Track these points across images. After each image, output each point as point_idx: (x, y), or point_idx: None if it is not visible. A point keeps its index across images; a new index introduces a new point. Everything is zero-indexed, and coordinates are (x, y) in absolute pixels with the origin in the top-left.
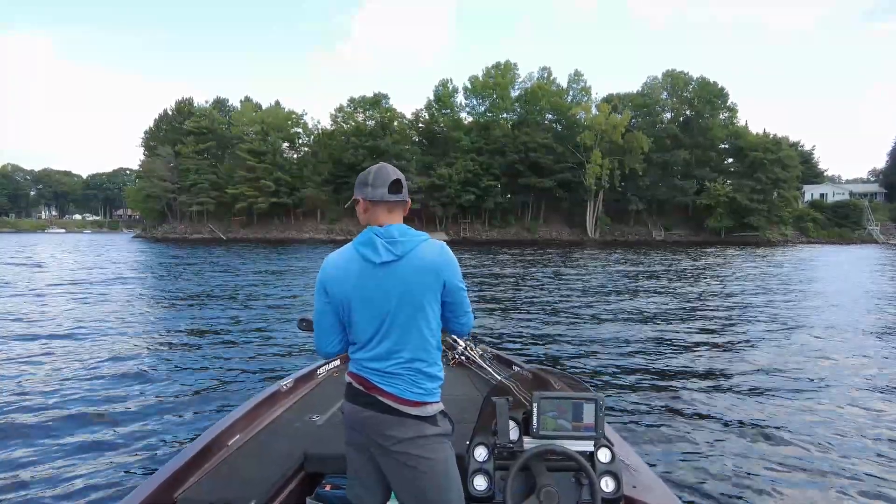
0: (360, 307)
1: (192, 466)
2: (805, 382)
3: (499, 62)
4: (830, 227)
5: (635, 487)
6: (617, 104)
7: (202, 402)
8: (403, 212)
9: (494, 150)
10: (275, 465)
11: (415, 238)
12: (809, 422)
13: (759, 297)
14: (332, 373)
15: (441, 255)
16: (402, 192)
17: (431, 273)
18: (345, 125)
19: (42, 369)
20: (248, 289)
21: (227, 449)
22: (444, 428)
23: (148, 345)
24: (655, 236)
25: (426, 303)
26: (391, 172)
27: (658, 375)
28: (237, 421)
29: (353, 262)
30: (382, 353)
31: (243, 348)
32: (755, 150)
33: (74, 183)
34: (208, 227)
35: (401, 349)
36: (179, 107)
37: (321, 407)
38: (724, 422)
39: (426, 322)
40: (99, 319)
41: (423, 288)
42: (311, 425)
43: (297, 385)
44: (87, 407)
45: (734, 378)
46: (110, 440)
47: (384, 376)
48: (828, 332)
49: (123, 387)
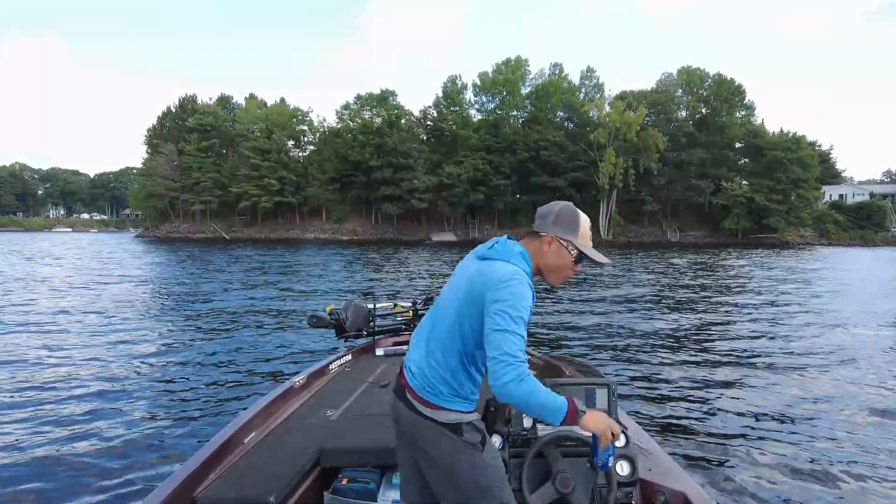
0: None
1: (209, 465)
2: (835, 381)
3: (509, 58)
4: (852, 229)
5: (651, 471)
6: (631, 101)
7: (216, 401)
8: (539, 241)
9: (504, 149)
10: (291, 461)
11: (503, 253)
12: (829, 414)
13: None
14: (344, 367)
15: (501, 272)
16: (537, 223)
17: (479, 284)
18: (351, 123)
19: (52, 367)
20: (256, 288)
21: (244, 447)
22: (468, 438)
23: (157, 346)
24: (670, 237)
25: (464, 313)
26: (546, 208)
27: (679, 366)
28: (252, 418)
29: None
30: (423, 341)
31: (254, 346)
32: (774, 148)
33: (82, 182)
34: (211, 227)
35: (436, 347)
36: (183, 104)
37: (334, 402)
38: (746, 411)
39: (461, 332)
40: (105, 316)
41: (468, 296)
42: (326, 420)
43: (310, 381)
44: (103, 405)
45: (758, 371)
46: (126, 440)
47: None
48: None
49: (137, 387)
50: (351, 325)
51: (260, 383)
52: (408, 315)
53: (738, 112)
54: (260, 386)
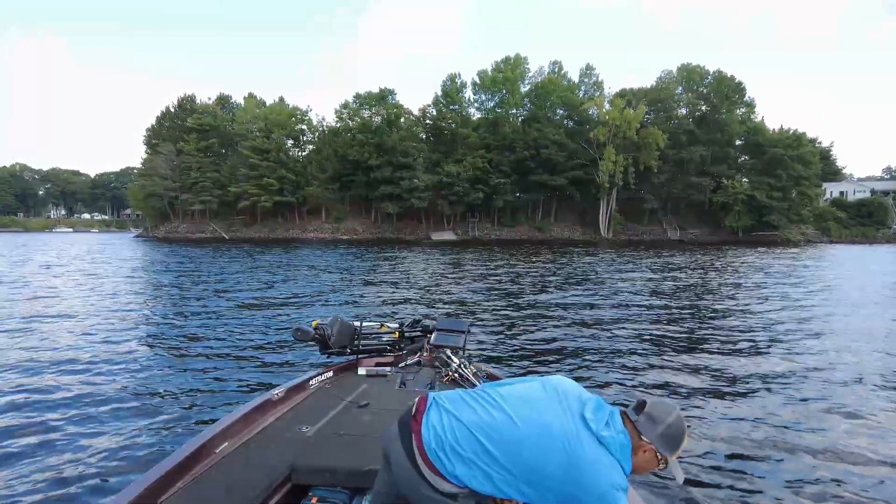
0: (525, 391)
1: (177, 472)
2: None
3: (508, 56)
4: (853, 227)
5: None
6: (631, 99)
7: (190, 409)
8: (639, 444)
9: (504, 147)
10: (262, 474)
11: (615, 446)
12: (832, 415)
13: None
14: (325, 384)
15: (603, 486)
16: (643, 424)
17: (574, 471)
18: (350, 122)
19: (26, 368)
20: (245, 293)
21: (215, 456)
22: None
23: (134, 349)
24: (670, 235)
25: (539, 477)
26: (662, 413)
27: (678, 365)
28: (226, 428)
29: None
30: (472, 425)
31: (235, 355)
32: (774, 145)
33: (82, 182)
34: (210, 227)
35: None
36: (182, 104)
37: (311, 418)
38: (745, 412)
39: (516, 481)
40: (87, 321)
41: (551, 466)
42: (301, 436)
43: (289, 395)
44: (75, 409)
45: (760, 371)
46: (94, 444)
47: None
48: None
49: (112, 390)
50: (335, 341)
51: (238, 392)
52: (393, 336)
53: (739, 109)
54: (238, 395)
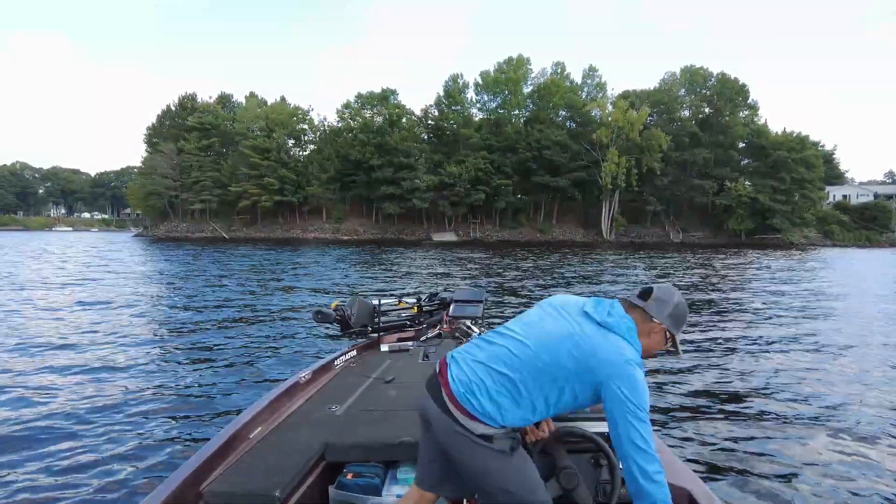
0: (537, 312)
1: (215, 459)
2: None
3: (511, 57)
4: (856, 230)
5: None
6: (634, 101)
7: (221, 397)
8: (650, 325)
9: (506, 148)
10: (296, 455)
11: (621, 328)
12: (835, 415)
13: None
14: (349, 363)
15: (622, 354)
16: (653, 306)
17: (589, 352)
18: (352, 122)
19: (58, 366)
20: (258, 286)
21: (249, 441)
22: (499, 445)
23: (162, 343)
24: (673, 238)
25: (558, 374)
26: (666, 295)
27: (683, 364)
28: (258, 413)
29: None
30: (491, 359)
31: (258, 342)
32: (778, 148)
33: (82, 181)
34: (211, 226)
35: (504, 372)
36: (182, 102)
37: (339, 397)
38: (751, 411)
39: (541, 392)
40: (105, 321)
41: (570, 359)
42: (331, 415)
43: (315, 376)
44: (108, 402)
45: (765, 371)
46: (132, 436)
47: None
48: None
49: (143, 384)
50: (356, 321)
51: (265, 379)
52: (412, 311)
53: (742, 112)
54: (265, 382)
